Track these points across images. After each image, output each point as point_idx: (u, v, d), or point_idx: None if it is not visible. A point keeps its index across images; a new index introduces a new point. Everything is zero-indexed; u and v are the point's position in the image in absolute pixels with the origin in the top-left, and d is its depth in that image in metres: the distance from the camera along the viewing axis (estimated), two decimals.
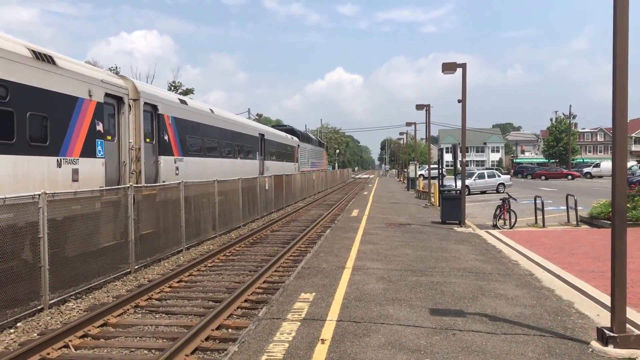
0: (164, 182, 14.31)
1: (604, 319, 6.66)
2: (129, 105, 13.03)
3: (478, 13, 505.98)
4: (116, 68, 44.70)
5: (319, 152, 57.67)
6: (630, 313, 6.57)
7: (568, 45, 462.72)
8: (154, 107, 14.41)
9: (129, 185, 11.30)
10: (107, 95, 12.00)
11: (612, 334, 5.73)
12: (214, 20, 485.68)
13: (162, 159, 14.81)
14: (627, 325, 5.89)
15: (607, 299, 6.92)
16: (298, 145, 40.66)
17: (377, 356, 5.66)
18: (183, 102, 17.43)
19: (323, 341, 6.13)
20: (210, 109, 20.19)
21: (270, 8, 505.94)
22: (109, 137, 12.18)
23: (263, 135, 27.90)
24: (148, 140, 14.04)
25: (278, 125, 44.22)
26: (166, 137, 15.12)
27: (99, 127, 11.63)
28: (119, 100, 12.65)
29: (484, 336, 6.27)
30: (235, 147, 22.46)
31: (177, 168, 15.80)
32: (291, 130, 42.59)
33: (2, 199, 7.64)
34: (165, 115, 15.10)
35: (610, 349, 5.66)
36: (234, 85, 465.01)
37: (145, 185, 13.00)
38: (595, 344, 5.85)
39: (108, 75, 12.56)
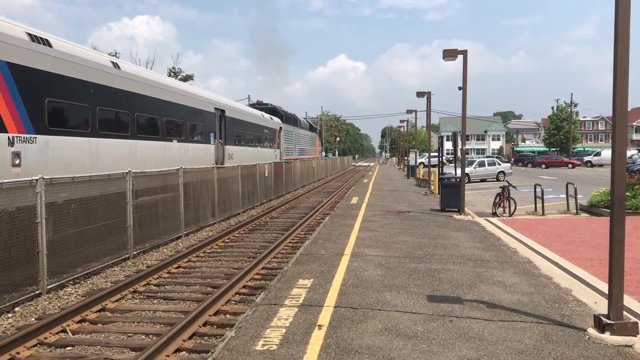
0: None
1: (601, 306, 6.66)
2: None
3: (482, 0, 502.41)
4: (116, 53, 44.44)
5: (310, 137, 50.44)
6: (628, 300, 6.57)
7: (573, 33, 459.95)
8: None
9: (128, 171, 11.24)
10: None
11: (609, 321, 5.73)
12: (217, 7, 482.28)
13: None
14: (624, 313, 5.89)
15: (604, 287, 6.93)
16: (280, 128, 33.74)
17: (373, 342, 5.67)
18: (42, 41, 10.03)
19: (320, 327, 6.13)
20: (114, 62, 13.08)
21: None
22: None
23: (223, 111, 21.20)
24: None
25: (257, 104, 38.78)
26: None
27: None
28: None
29: (481, 323, 6.27)
30: (167, 124, 15.62)
31: (16, 155, 9.16)
32: (273, 110, 35.50)
33: None
34: None
35: (607, 336, 5.66)
36: (235, 71, 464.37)
37: (145, 171, 12.39)
38: (592, 331, 5.85)
39: None
